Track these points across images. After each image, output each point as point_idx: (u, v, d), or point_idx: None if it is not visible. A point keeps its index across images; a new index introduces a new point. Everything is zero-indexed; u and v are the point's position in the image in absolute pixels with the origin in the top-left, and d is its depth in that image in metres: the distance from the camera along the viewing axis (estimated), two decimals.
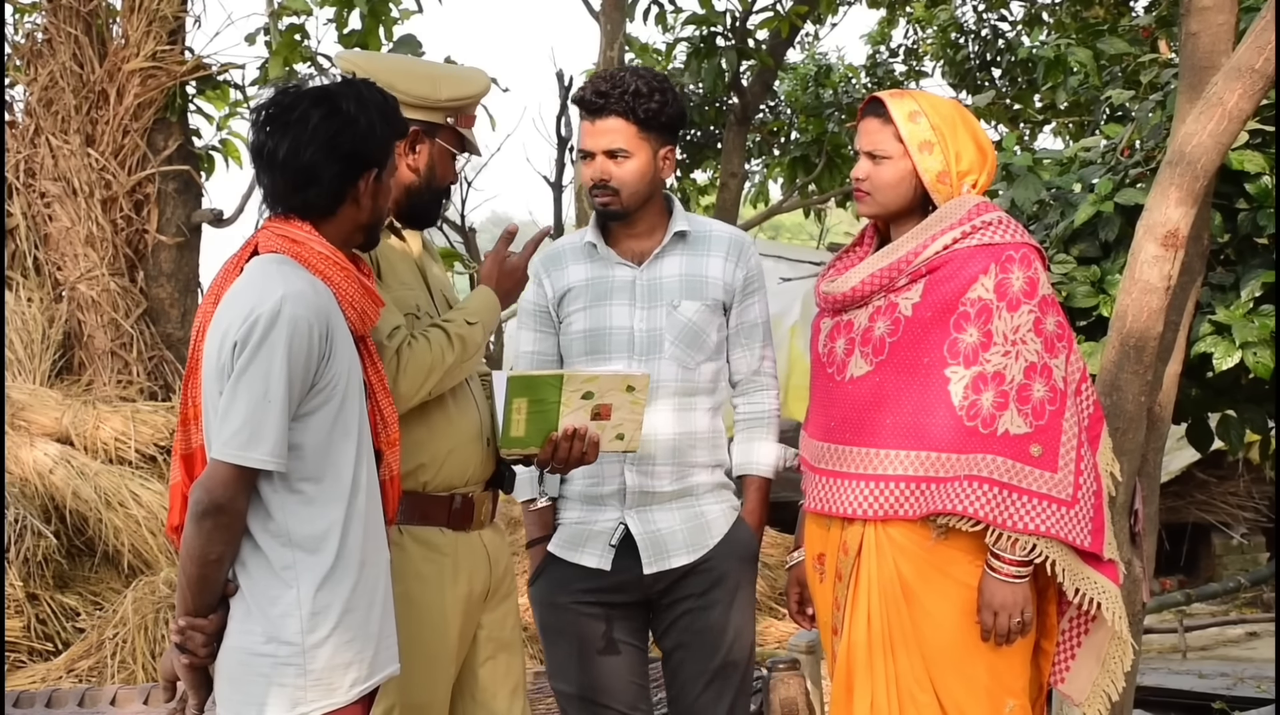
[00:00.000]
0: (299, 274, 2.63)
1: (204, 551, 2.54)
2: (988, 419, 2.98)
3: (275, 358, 2.52)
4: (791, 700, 4.26)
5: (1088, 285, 4.22)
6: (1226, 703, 6.34)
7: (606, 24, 8.83)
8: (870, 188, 3.16)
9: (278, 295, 2.55)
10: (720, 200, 10.69)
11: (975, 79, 11.34)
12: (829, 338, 3.21)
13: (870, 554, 3.08)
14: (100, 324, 8.27)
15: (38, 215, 8.42)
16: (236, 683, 2.60)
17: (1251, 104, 3.56)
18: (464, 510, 3.08)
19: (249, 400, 2.52)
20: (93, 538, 7.25)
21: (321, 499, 2.61)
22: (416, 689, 2.99)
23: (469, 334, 3.02)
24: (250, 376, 2.53)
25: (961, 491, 2.97)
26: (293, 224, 2.68)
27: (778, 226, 25.42)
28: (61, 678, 6.59)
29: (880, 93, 3.22)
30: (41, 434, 7.46)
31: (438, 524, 3.04)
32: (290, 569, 2.58)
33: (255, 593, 2.58)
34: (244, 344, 2.54)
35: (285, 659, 2.56)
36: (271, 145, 2.66)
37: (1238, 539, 10.10)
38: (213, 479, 2.53)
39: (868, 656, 3.08)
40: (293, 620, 2.56)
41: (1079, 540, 3.00)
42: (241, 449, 2.52)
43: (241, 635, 2.59)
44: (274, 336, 2.53)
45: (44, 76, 8.41)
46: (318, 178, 2.65)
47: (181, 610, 2.60)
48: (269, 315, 2.53)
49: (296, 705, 2.57)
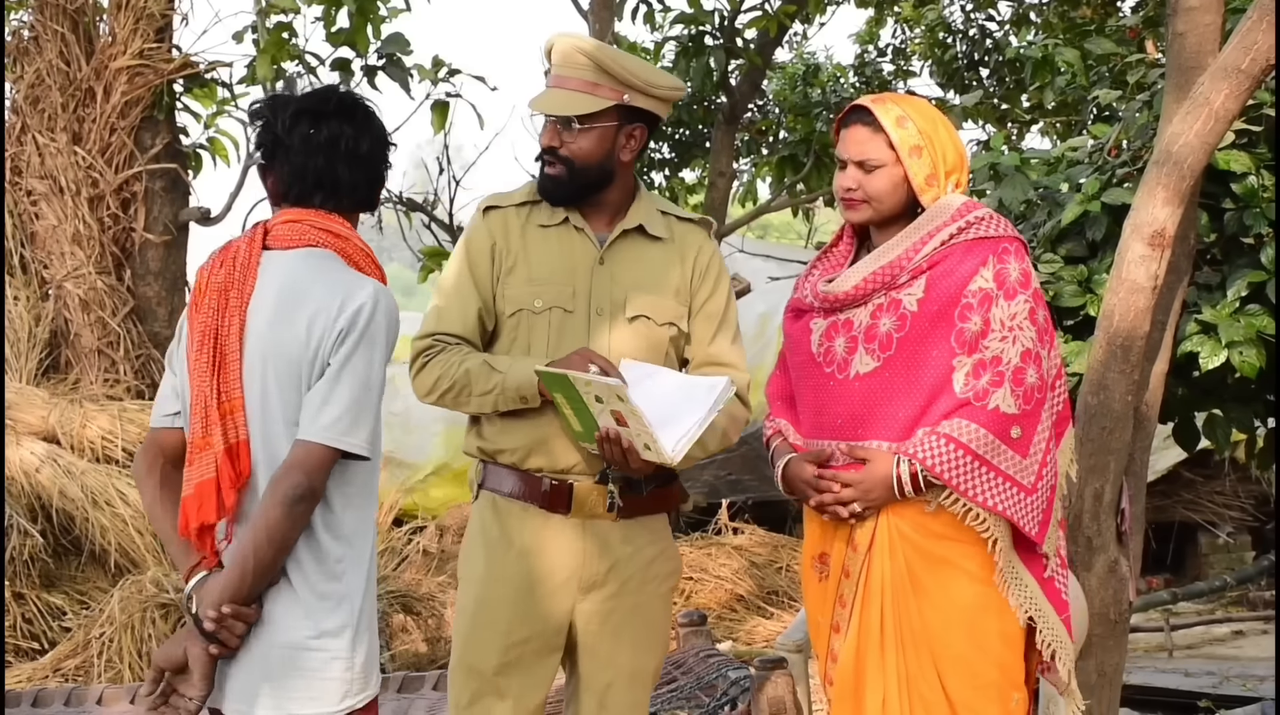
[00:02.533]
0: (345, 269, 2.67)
1: (288, 536, 2.54)
2: (980, 393, 3.03)
3: (377, 348, 2.59)
4: (779, 699, 4.26)
5: (1075, 284, 4.23)
6: (1213, 701, 6.36)
7: (595, 23, 8.82)
8: (865, 196, 3.16)
9: (370, 287, 2.61)
10: (708, 199, 10.70)
11: (963, 79, 11.36)
12: (824, 337, 3.21)
13: (882, 550, 3.10)
14: (87, 322, 8.25)
15: (24, 213, 8.40)
16: (280, 679, 2.58)
17: (1238, 104, 3.57)
18: (556, 494, 3.17)
19: (352, 388, 2.56)
20: (79, 537, 7.24)
21: (364, 494, 2.66)
22: (471, 649, 3.19)
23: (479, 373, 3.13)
24: (354, 365, 2.57)
25: (931, 447, 3.00)
26: (332, 219, 2.70)
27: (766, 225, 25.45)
28: (48, 677, 6.58)
29: (860, 100, 3.22)
30: (28, 433, 7.44)
31: (526, 502, 3.18)
32: (341, 562, 2.60)
33: (307, 586, 2.58)
34: (347, 334, 2.57)
35: (335, 653, 2.58)
36: (351, 134, 2.68)
37: (1224, 538, 10.13)
38: (313, 462, 2.54)
39: (880, 652, 3.09)
40: (342, 614, 2.59)
41: (1029, 527, 3.05)
42: (344, 434, 2.55)
43: (289, 631, 2.58)
44: (374, 327, 2.58)
45: (30, 74, 8.39)
46: (382, 176, 2.74)
47: (231, 597, 2.54)
48: (372, 305, 2.59)
49: (344, 699, 2.59)
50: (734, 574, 8.80)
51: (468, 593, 3.24)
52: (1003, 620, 3.09)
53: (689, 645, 5.52)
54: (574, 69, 3.18)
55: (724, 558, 8.92)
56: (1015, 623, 3.10)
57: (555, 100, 3.19)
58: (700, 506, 10.13)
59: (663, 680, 5.09)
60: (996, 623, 3.08)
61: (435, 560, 8.25)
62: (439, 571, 8.03)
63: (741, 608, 8.63)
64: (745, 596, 8.68)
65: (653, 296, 3.24)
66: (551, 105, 3.19)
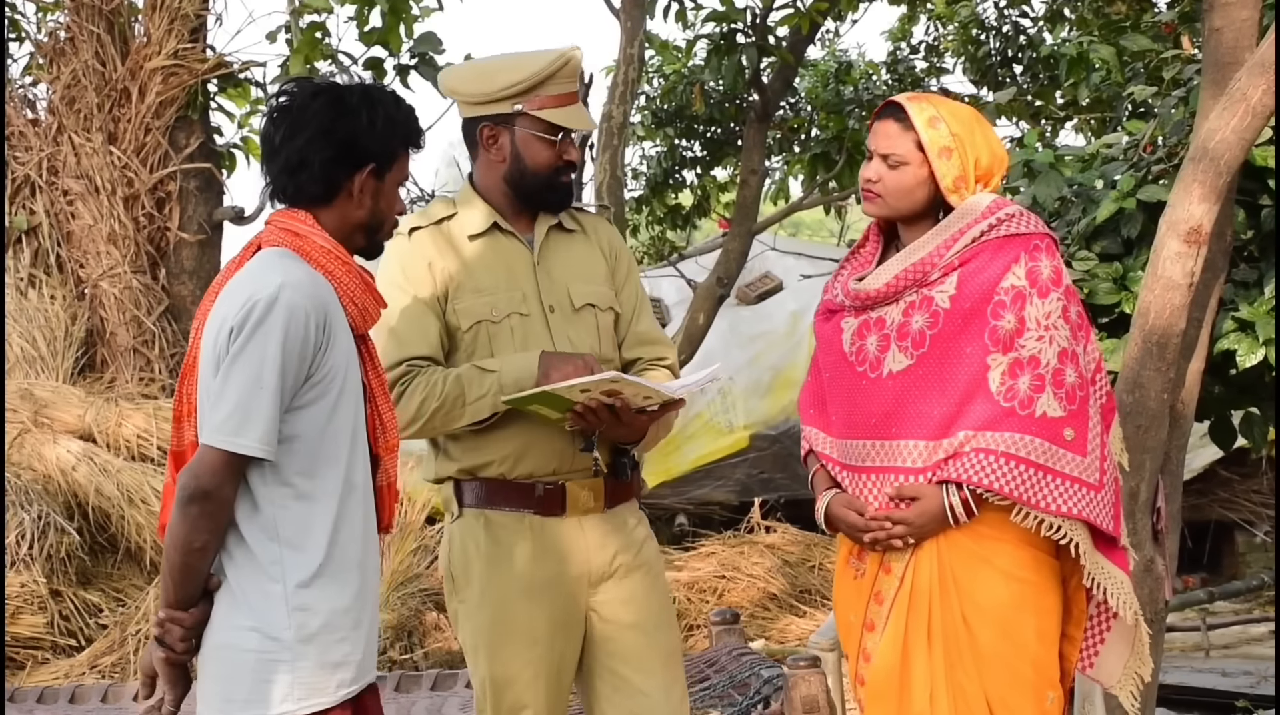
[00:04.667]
0: (299, 266, 2.60)
1: (188, 539, 2.49)
2: (1025, 401, 3.01)
3: (270, 344, 2.49)
4: (812, 698, 4.25)
5: (1110, 282, 4.20)
6: (1250, 701, 6.32)
7: (627, 21, 8.82)
8: (882, 190, 3.17)
9: (275, 283, 2.52)
10: (740, 197, 10.67)
11: (996, 75, 11.30)
12: (856, 336, 3.21)
13: (930, 546, 3.09)
14: (122, 321, 8.31)
15: (60, 213, 8.46)
16: (220, 679, 2.56)
17: (1275, 100, 3.54)
18: (550, 498, 3.18)
19: (241, 386, 2.48)
20: (115, 534, 7.30)
21: (313, 495, 2.56)
22: (501, 663, 3.18)
23: (471, 379, 3.12)
24: (243, 362, 2.49)
25: (987, 466, 2.98)
26: (295, 217, 2.65)
27: (798, 223, 25.40)
28: (84, 674, 6.63)
29: (898, 96, 3.22)
30: (64, 431, 7.49)
31: (520, 509, 3.18)
32: (277, 564, 2.54)
33: (241, 587, 2.54)
34: (239, 329, 2.50)
35: (271, 655, 2.52)
36: (272, 132, 2.66)
37: (1261, 537, 10.06)
38: (201, 464, 2.49)
39: (927, 649, 3.09)
40: (279, 616, 2.52)
41: (1104, 523, 3.03)
42: (231, 435, 2.47)
43: (226, 630, 2.54)
44: (269, 322, 2.49)
45: (66, 75, 8.45)
46: (309, 162, 2.62)
47: (163, 602, 2.55)
48: (266, 301, 2.50)
49: (282, 702, 2.52)
50: (766, 572, 8.78)
51: (478, 614, 3.21)
52: (1039, 618, 3.08)
53: (721, 643, 5.52)
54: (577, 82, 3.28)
55: (756, 556, 8.90)
56: (1050, 620, 3.09)
57: (586, 114, 3.29)
58: (732, 505, 10.12)
59: (695, 679, 5.09)
60: (1033, 620, 3.07)
61: None
62: None
63: (774, 606, 8.61)
64: (778, 595, 8.67)
65: (591, 285, 3.31)
66: (590, 119, 3.30)
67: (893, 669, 3.12)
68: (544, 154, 3.23)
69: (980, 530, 3.06)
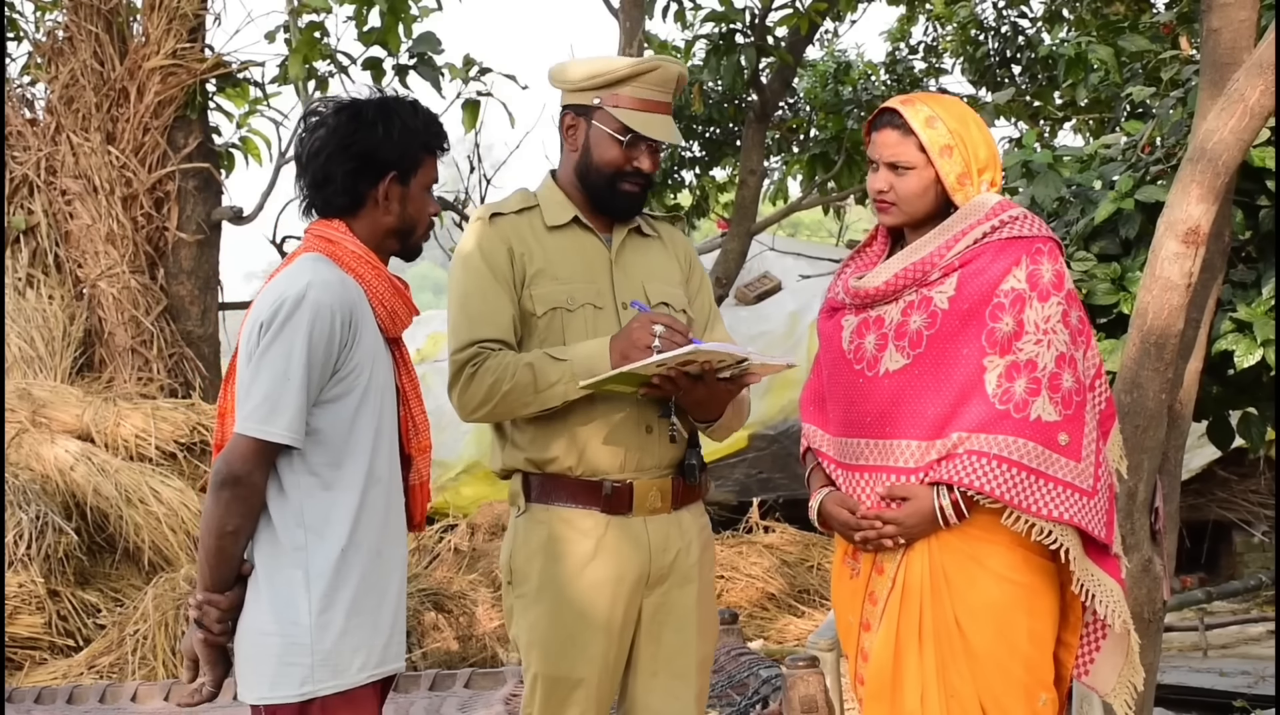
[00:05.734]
0: (330, 269, 2.75)
1: (221, 523, 2.64)
2: (1020, 404, 3.00)
3: (297, 338, 2.64)
4: (811, 698, 4.25)
5: (1108, 282, 4.21)
6: (1248, 701, 6.32)
7: (626, 21, 8.82)
8: (896, 198, 3.16)
9: (304, 282, 2.68)
10: (739, 198, 10.68)
11: (995, 76, 11.30)
12: (855, 334, 3.21)
13: (920, 546, 3.09)
14: (121, 321, 8.31)
15: (58, 213, 8.46)
16: (250, 661, 2.69)
17: (1273, 100, 3.54)
18: (618, 497, 3.18)
19: (269, 378, 2.64)
20: (113, 534, 7.29)
21: (337, 485, 2.70)
22: (555, 661, 3.17)
23: (544, 366, 3.11)
24: (272, 355, 2.65)
25: (978, 468, 2.98)
26: (329, 226, 2.81)
27: (797, 224, 25.41)
28: (83, 674, 6.63)
29: (889, 102, 3.22)
30: (62, 431, 7.49)
31: (587, 506, 3.18)
32: (301, 550, 2.67)
33: (267, 572, 2.68)
34: (268, 325, 2.66)
35: (294, 638, 2.65)
36: (301, 149, 2.83)
37: (1259, 537, 10.06)
38: (233, 451, 2.65)
39: (918, 648, 3.09)
40: (301, 600, 2.66)
41: (1096, 530, 3.02)
42: (261, 423, 2.63)
43: (255, 615, 2.68)
44: (297, 318, 2.64)
45: (65, 74, 8.46)
46: (332, 176, 2.78)
47: (200, 585, 2.70)
48: (294, 299, 2.65)
49: (304, 683, 2.66)
50: (765, 572, 8.79)
51: (534, 610, 3.22)
52: (1031, 619, 3.07)
53: (720, 644, 5.52)
54: (670, 95, 3.31)
55: (755, 556, 8.91)
56: (1044, 622, 3.09)
57: (671, 128, 3.30)
58: (731, 505, 10.13)
59: None
60: (1025, 621, 3.06)
61: (466, 558, 8.26)
62: (470, 569, 8.05)
63: (773, 606, 8.62)
64: (776, 595, 8.67)
65: (667, 286, 3.34)
66: (673, 134, 3.30)
67: (885, 669, 3.12)
68: (612, 152, 3.24)
69: (972, 532, 3.06)
